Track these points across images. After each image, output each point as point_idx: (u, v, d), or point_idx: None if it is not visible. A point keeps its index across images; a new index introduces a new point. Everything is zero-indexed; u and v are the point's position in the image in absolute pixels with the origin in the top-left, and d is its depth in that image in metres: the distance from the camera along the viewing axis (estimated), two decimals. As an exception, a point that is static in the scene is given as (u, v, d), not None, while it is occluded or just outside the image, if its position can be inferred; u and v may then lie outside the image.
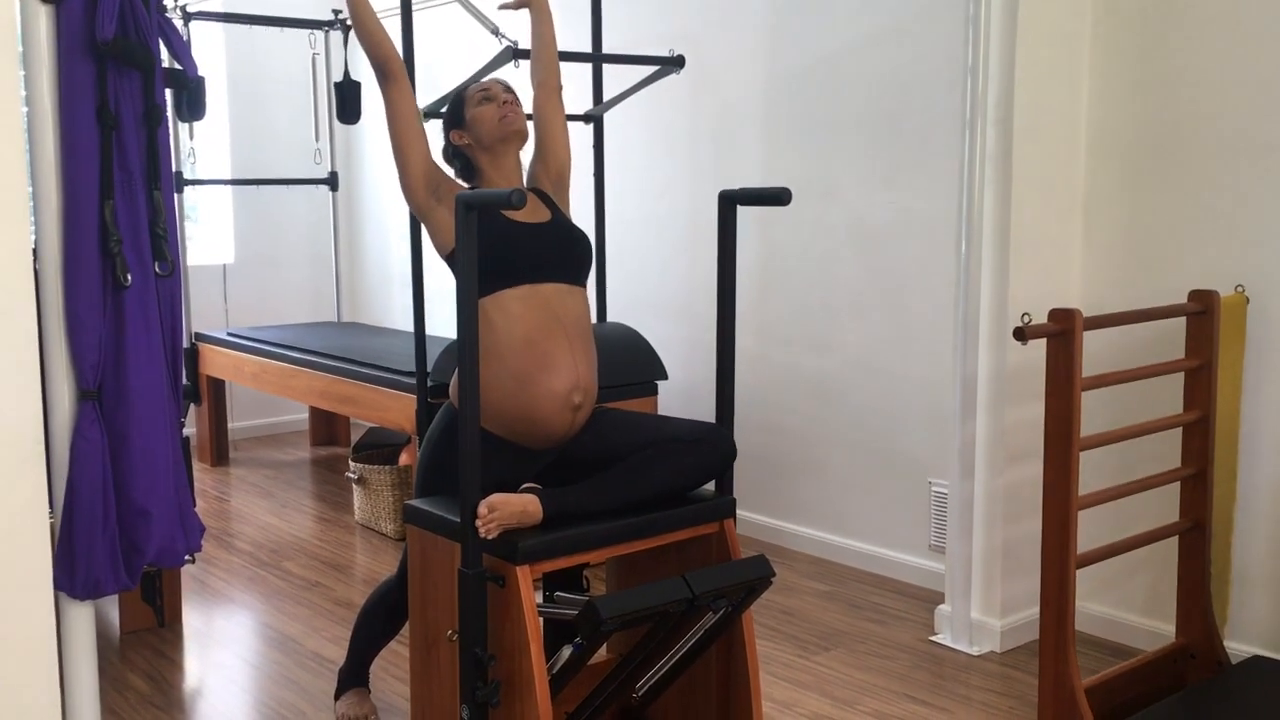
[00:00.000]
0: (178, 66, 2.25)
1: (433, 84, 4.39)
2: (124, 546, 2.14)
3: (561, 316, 2.50)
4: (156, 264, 2.14)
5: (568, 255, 2.57)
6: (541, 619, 2.44)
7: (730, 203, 2.64)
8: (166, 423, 2.16)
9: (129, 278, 2.07)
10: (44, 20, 2.03)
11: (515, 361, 2.46)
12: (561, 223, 2.62)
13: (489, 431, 2.48)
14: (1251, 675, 2.91)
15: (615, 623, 2.18)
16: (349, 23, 5.68)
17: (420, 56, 3.96)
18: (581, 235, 2.63)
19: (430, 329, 4.12)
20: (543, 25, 2.81)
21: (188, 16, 5.19)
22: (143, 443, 2.12)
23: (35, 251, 2.07)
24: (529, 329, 2.45)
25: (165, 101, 2.15)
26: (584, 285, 2.61)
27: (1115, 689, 2.86)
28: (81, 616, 2.17)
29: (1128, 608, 3.44)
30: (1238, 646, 3.14)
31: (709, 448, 2.52)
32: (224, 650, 3.54)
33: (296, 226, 6.38)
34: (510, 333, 2.45)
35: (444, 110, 2.68)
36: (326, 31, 5.82)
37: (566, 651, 2.32)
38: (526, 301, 2.47)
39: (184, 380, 2.32)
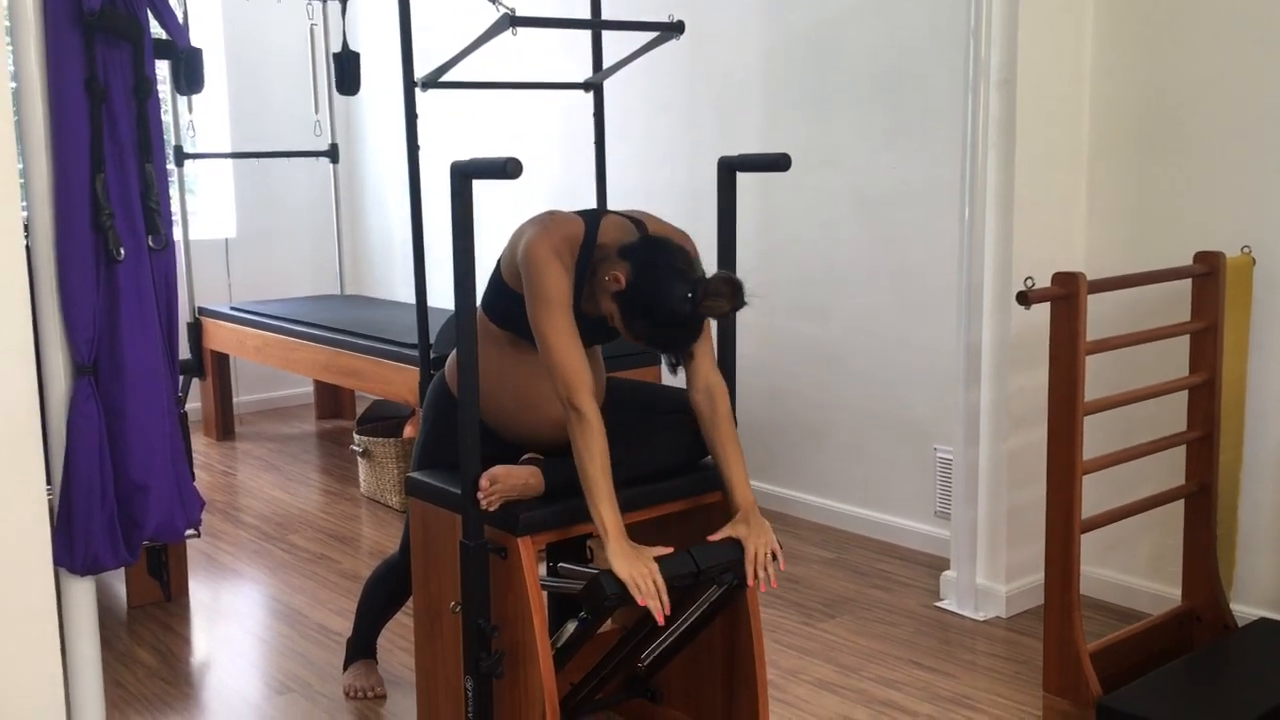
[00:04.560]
0: (167, 37, 2.23)
1: (427, 53, 4.35)
2: (123, 521, 2.13)
3: None
4: (150, 238, 2.12)
5: (596, 339, 2.50)
6: (545, 592, 2.44)
7: (729, 169, 2.62)
8: (163, 397, 2.15)
9: (122, 252, 2.06)
10: (31, -8, 2.01)
11: (520, 384, 2.46)
12: (606, 326, 2.45)
13: (485, 424, 2.46)
14: (1258, 637, 2.90)
15: (620, 598, 2.17)
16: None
17: (418, 29, 3.92)
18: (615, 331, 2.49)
19: (432, 300, 4.11)
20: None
21: (184, -12, 5.15)
22: (139, 417, 2.11)
23: (27, 227, 2.06)
24: (539, 367, 2.41)
25: (155, 73, 2.13)
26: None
27: (1121, 653, 2.85)
28: (82, 591, 2.17)
29: (1133, 572, 3.43)
30: (1244, 609, 3.13)
31: None
32: (231, 623, 3.55)
33: (297, 199, 6.35)
34: (520, 360, 2.44)
35: (655, 254, 2.28)
36: (325, 1, 5.77)
37: (571, 626, 2.31)
38: None
39: (181, 354, 2.31)
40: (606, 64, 4.30)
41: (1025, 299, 2.62)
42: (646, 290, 2.25)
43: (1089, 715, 2.64)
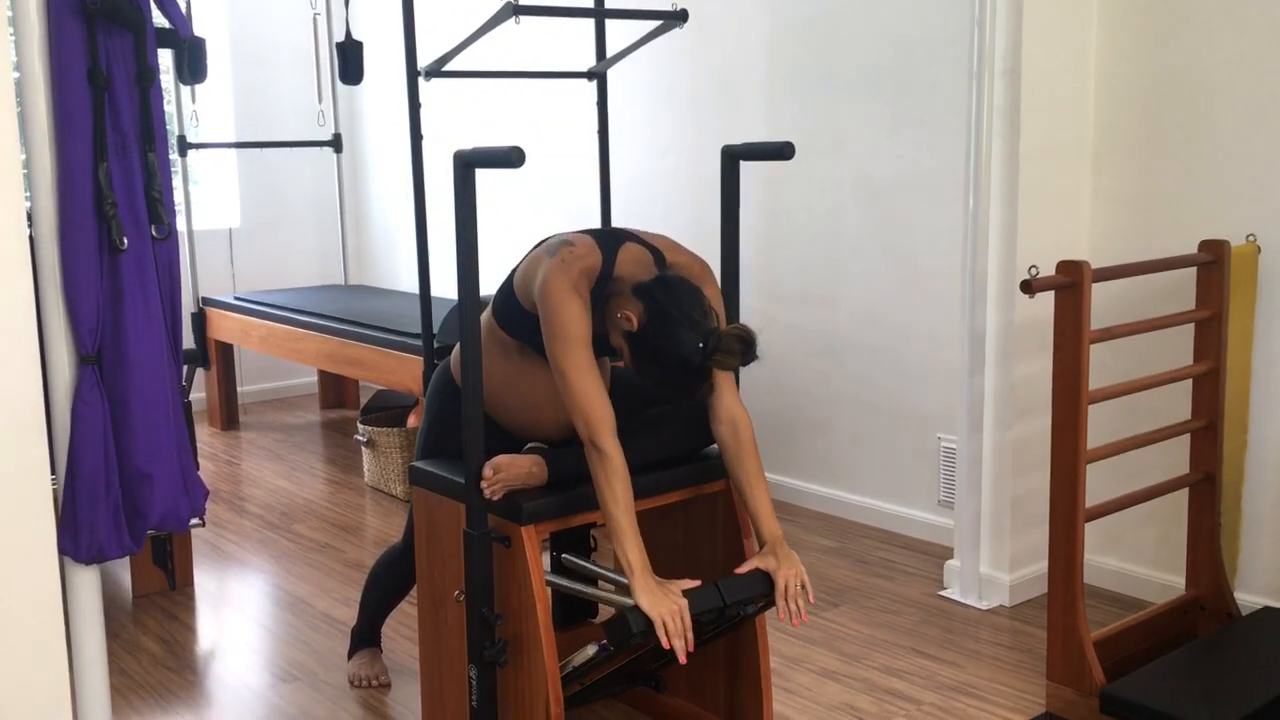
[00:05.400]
0: (170, 26, 2.22)
1: (430, 42, 4.34)
2: (127, 511, 2.13)
3: None
4: (153, 227, 2.12)
5: (603, 354, 2.49)
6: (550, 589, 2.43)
7: (732, 158, 2.61)
8: (167, 386, 2.15)
9: (125, 241, 2.06)
10: (33, -19, 2.00)
11: (526, 389, 2.46)
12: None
13: (489, 417, 2.46)
14: (1261, 626, 2.90)
15: (645, 636, 2.17)
16: None
17: (421, 18, 3.91)
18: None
19: (435, 290, 4.11)
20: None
21: (187, -22, 5.14)
22: (143, 407, 2.11)
23: (30, 217, 2.06)
24: (546, 372, 2.39)
25: (158, 62, 2.13)
26: None
27: (1124, 641, 2.85)
28: (87, 580, 2.17)
29: (1137, 560, 3.43)
30: (1248, 598, 3.13)
31: None
32: (235, 612, 3.56)
33: (301, 189, 6.35)
34: (526, 366, 2.43)
35: (672, 303, 2.24)
36: (327, -9, 5.76)
37: (591, 650, 2.30)
38: None
39: (184, 344, 2.31)
40: (610, 53, 4.30)
41: (1029, 287, 2.62)
42: (657, 336, 2.23)
43: (1093, 704, 2.65)
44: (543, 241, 2.44)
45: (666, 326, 2.22)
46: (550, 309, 2.25)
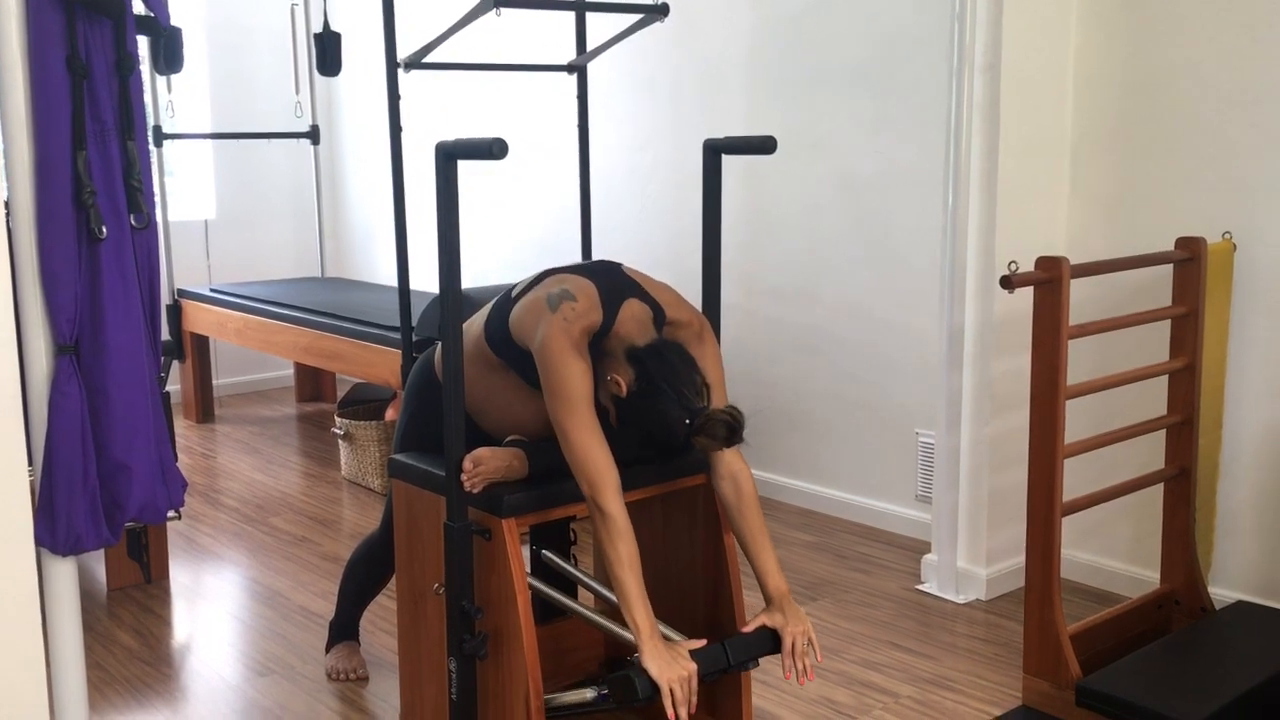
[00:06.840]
0: (150, 14, 2.20)
1: (409, 34, 4.33)
2: (105, 502, 2.12)
3: None
4: (132, 216, 2.10)
5: None
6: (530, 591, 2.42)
7: (714, 152, 2.62)
8: (145, 377, 2.13)
9: (104, 230, 2.04)
10: (11, -33, 1.98)
11: (508, 403, 2.45)
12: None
13: (470, 418, 2.45)
14: (1235, 620, 2.93)
15: (651, 700, 2.16)
16: None
17: (400, 10, 3.90)
18: None
19: (414, 283, 4.09)
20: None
21: (163, -33, 5.09)
22: (122, 397, 2.09)
23: (7, 205, 2.04)
24: (528, 393, 2.40)
25: (137, 50, 2.11)
26: None
27: (1100, 635, 2.88)
28: (64, 572, 2.16)
29: (1113, 555, 3.46)
30: (1222, 592, 3.16)
31: None
32: (211, 605, 3.54)
33: (278, 181, 6.32)
34: (509, 385, 2.43)
35: (664, 374, 2.23)
36: (305, -18, 5.72)
37: (589, 695, 2.30)
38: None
39: (163, 334, 2.29)
40: (591, 46, 4.29)
41: (1008, 283, 2.63)
42: (645, 407, 2.24)
43: (1068, 696, 2.67)
44: (544, 277, 2.40)
45: (654, 400, 2.23)
46: (552, 368, 2.24)
